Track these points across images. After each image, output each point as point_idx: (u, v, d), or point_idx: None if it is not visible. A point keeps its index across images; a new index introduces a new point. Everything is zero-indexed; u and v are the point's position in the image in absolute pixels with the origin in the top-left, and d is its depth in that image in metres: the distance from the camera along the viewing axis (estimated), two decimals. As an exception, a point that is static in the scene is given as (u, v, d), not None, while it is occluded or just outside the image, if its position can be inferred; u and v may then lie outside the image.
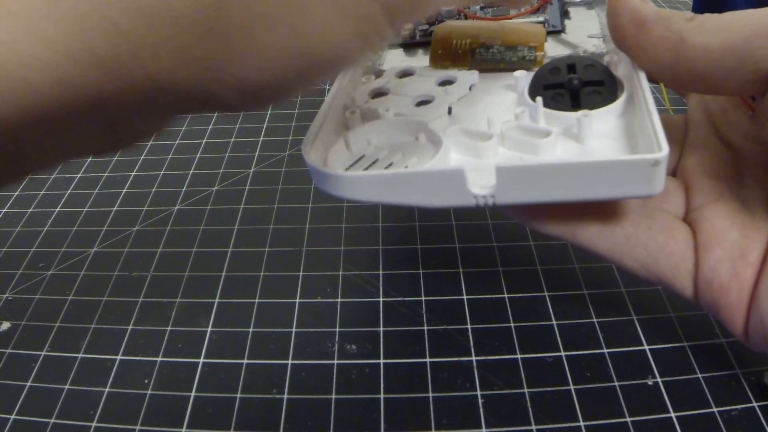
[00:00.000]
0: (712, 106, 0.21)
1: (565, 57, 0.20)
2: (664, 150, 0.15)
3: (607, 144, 0.18)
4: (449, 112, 0.21)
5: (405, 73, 0.23)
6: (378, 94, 0.22)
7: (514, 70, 0.22)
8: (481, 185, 0.16)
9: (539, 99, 0.19)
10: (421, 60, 0.25)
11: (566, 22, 0.25)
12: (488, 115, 0.19)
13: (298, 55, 0.11)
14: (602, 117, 0.19)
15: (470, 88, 0.22)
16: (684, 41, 0.16)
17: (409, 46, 0.26)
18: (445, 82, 0.22)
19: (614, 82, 0.19)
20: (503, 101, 0.21)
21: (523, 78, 0.21)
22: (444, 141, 0.18)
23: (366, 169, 0.18)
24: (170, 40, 0.10)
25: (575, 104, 0.19)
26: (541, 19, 0.25)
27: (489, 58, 0.22)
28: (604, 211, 0.19)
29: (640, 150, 0.17)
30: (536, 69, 0.21)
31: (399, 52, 0.26)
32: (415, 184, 0.16)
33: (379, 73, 0.24)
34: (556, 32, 0.25)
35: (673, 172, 0.22)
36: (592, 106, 0.19)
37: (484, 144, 0.18)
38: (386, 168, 0.18)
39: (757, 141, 0.19)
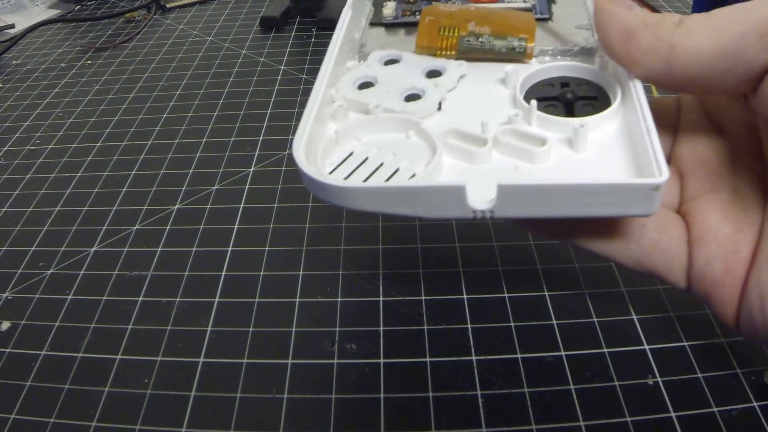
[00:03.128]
0: None
1: (558, 77, 0.21)
2: (665, 175, 0.15)
3: (604, 153, 0.18)
4: (439, 107, 0.20)
5: (390, 60, 0.23)
6: (364, 84, 0.22)
7: (502, 61, 0.21)
8: (481, 200, 0.16)
9: (533, 102, 0.19)
10: (403, 41, 0.24)
11: (553, 8, 0.25)
12: (480, 113, 0.19)
13: None
14: (597, 124, 0.19)
15: (458, 80, 0.22)
16: (674, 48, 0.16)
17: (391, 26, 0.25)
18: (434, 73, 0.22)
19: (608, 99, 0.19)
20: (494, 97, 0.21)
21: (514, 73, 0.21)
22: (438, 145, 0.18)
23: (356, 169, 0.18)
24: None
25: (569, 114, 0.19)
26: (528, 5, 0.24)
27: (478, 47, 0.22)
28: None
29: (639, 165, 0.17)
30: (527, 62, 0.21)
31: (380, 32, 0.25)
32: (414, 198, 0.16)
33: (362, 56, 0.23)
34: (543, 20, 0.24)
35: (668, 158, 0.21)
36: (587, 115, 0.19)
37: (478, 150, 0.18)
38: (377, 169, 0.18)
39: (747, 126, 0.19)
